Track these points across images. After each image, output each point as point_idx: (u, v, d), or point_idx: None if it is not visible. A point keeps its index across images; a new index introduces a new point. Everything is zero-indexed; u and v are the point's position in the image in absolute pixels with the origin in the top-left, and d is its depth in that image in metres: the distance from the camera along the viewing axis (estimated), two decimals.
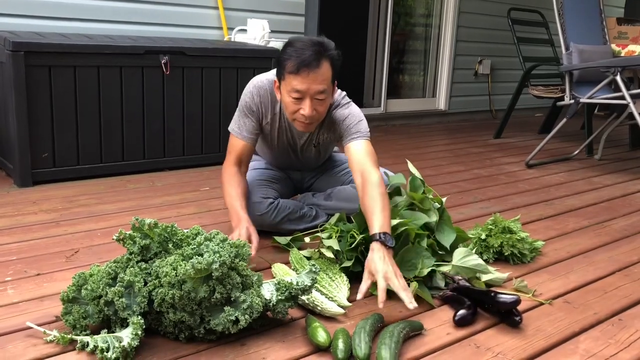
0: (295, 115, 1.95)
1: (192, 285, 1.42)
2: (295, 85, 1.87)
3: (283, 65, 1.89)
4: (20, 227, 2.27)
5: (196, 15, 3.82)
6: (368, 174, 1.91)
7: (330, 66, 1.90)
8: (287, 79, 1.89)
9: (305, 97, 1.89)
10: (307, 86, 1.87)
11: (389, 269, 1.64)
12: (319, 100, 1.91)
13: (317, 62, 1.85)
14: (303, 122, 1.97)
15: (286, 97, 1.93)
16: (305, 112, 1.91)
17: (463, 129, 5.37)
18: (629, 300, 1.87)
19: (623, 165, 4.00)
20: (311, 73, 1.85)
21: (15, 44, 2.66)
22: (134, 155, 3.12)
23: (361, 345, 1.45)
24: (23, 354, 1.42)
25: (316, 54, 1.85)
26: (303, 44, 1.88)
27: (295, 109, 1.93)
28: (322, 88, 1.88)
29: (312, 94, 1.89)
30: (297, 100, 1.90)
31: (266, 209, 2.18)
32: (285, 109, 1.99)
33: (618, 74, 3.41)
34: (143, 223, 1.57)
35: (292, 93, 1.90)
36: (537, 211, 2.82)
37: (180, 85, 3.20)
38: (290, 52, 1.88)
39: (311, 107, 1.90)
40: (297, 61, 1.85)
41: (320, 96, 1.90)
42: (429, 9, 5.63)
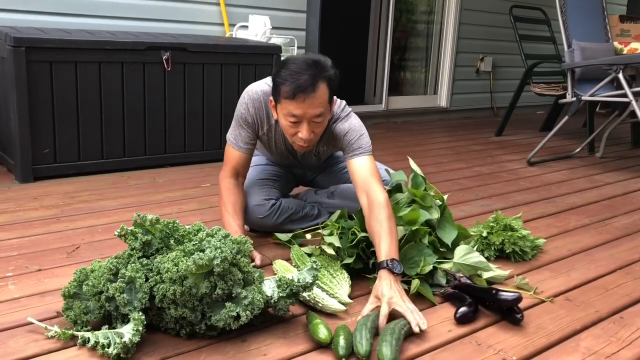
0: (294, 138, 1.93)
1: (194, 281, 1.42)
2: (291, 110, 1.84)
3: (278, 90, 1.85)
4: (21, 223, 2.27)
5: (198, 11, 3.81)
6: (374, 194, 1.87)
7: (327, 87, 1.85)
8: (283, 104, 1.85)
9: (302, 121, 1.86)
10: (304, 111, 1.83)
11: (394, 294, 1.62)
12: (316, 123, 1.88)
13: (313, 87, 1.80)
14: (301, 145, 1.94)
15: (283, 120, 1.90)
16: (303, 136, 1.88)
17: (464, 126, 5.37)
18: (630, 298, 1.87)
19: (625, 163, 4.00)
20: (307, 98, 1.81)
21: (16, 40, 2.66)
22: (135, 151, 3.12)
23: (362, 342, 1.44)
24: (24, 349, 1.42)
25: (312, 77, 1.80)
26: (298, 67, 1.82)
27: (293, 132, 1.90)
28: (318, 112, 1.85)
29: (309, 118, 1.85)
30: (294, 124, 1.87)
31: (268, 211, 2.17)
32: (283, 130, 1.96)
33: (620, 72, 3.41)
34: (145, 219, 1.56)
35: (288, 117, 1.86)
36: (539, 209, 2.82)
37: (182, 82, 3.19)
38: (285, 75, 1.82)
39: (308, 130, 1.87)
40: (293, 86, 1.80)
41: (317, 119, 1.87)
42: (430, 5, 5.62)
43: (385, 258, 1.72)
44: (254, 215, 2.16)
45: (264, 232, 2.24)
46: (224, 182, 2.08)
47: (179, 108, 3.22)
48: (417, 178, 2.13)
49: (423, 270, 1.79)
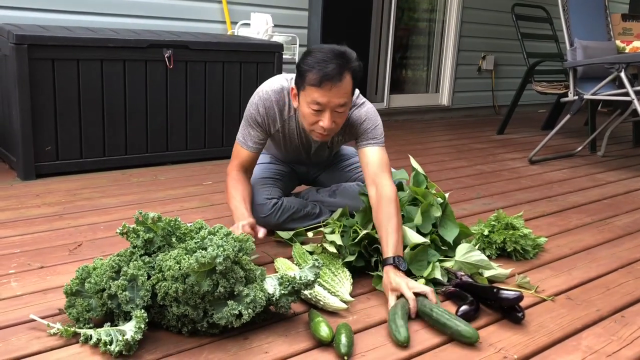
0: (314, 127, 1.92)
1: (196, 279, 1.43)
2: (316, 97, 1.83)
3: (304, 76, 1.84)
4: (23, 220, 2.28)
5: (200, 9, 3.81)
6: (383, 187, 1.90)
7: (352, 78, 1.86)
8: (307, 91, 1.85)
9: (325, 110, 1.86)
10: (328, 99, 1.83)
11: (408, 280, 1.71)
12: (338, 113, 1.88)
13: (339, 76, 1.81)
14: (321, 133, 1.93)
15: (305, 108, 1.89)
16: (324, 124, 1.87)
17: (466, 124, 5.36)
18: (631, 297, 1.87)
19: (626, 162, 3.99)
20: (334, 87, 1.81)
21: (18, 37, 2.66)
22: (137, 149, 3.12)
23: (400, 330, 1.51)
24: (26, 346, 1.42)
25: (339, 67, 1.81)
26: (325, 55, 1.83)
27: (314, 121, 1.89)
28: (343, 101, 1.85)
29: (332, 107, 1.85)
30: (316, 112, 1.87)
31: (270, 210, 2.17)
32: (302, 118, 1.95)
33: (622, 71, 3.40)
34: (147, 217, 1.57)
35: (312, 105, 1.86)
36: (540, 207, 2.82)
37: (184, 79, 3.19)
38: (311, 62, 1.83)
39: (330, 119, 1.87)
40: (320, 74, 1.80)
41: (340, 109, 1.87)
42: (432, 3, 5.61)
43: (392, 254, 1.75)
44: (256, 215, 2.16)
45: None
46: (231, 174, 2.09)
47: (181, 106, 3.22)
48: (418, 176, 2.13)
49: (430, 275, 1.80)
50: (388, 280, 1.72)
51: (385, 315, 1.66)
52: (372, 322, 1.62)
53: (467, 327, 1.54)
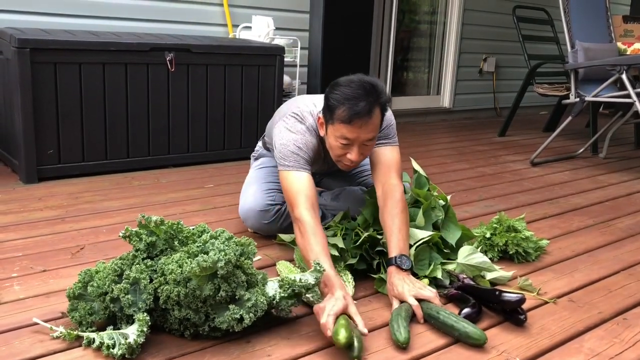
0: (341, 158, 1.89)
1: (198, 283, 1.43)
2: (345, 133, 1.80)
3: (333, 111, 1.80)
4: (25, 224, 2.28)
5: (201, 12, 3.82)
6: (391, 186, 1.90)
7: (381, 112, 1.83)
8: (336, 126, 1.81)
9: (354, 144, 1.83)
10: (357, 135, 1.80)
11: (412, 286, 1.69)
12: (366, 146, 1.86)
13: (369, 114, 1.77)
14: (347, 165, 1.91)
15: (333, 141, 1.86)
16: (352, 158, 1.85)
17: (468, 126, 5.36)
18: (633, 299, 1.87)
19: (628, 164, 3.99)
20: (364, 125, 1.78)
21: (21, 41, 2.67)
22: (139, 152, 3.13)
23: (400, 330, 1.52)
24: (29, 350, 1.43)
25: (369, 104, 1.77)
26: (354, 92, 1.77)
27: (342, 153, 1.86)
28: (371, 136, 1.83)
29: (360, 142, 1.83)
30: (344, 146, 1.84)
31: (273, 217, 2.17)
32: (329, 148, 1.91)
33: (624, 73, 3.40)
34: (149, 220, 1.57)
35: (340, 139, 1.82)
36: (542, 209, 2.82)
37: (186, 83, 3.20)
38: (340, 97, 1.78)
39: (358, 153, 1.84)
40: (351, 113, 1.76)
41: (369, 143, 1.86)
42: (433, 6, 5.62)
43: (395, 254, 1.75)
44: (259, 221, 2.17)
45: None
46: (303, 219, 1.75)
47: (183, 109, 3.23)
48: (420, 179, 2.13)
49: (431, 274, 1.80)
50: (391, 284, 1.71)
51: (387, 318, 1.66)
52: (374, 325, 1.63)
53: (475, 329, 1.54)
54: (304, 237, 1.73)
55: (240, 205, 2.23)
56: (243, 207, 2.21)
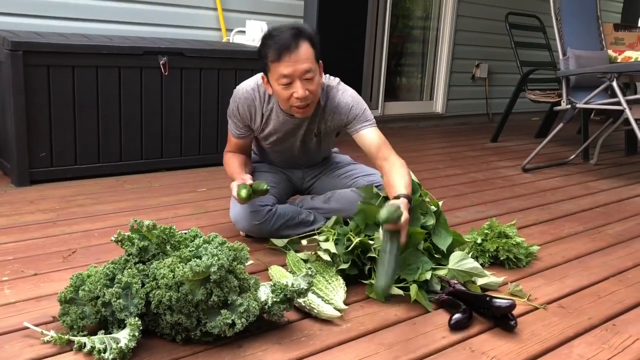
0: (290, 101, 1.98)
1: (190, 288, 1.43)
2: (281, 70, 1.91)
3: (265, 57, 1.95)
4: (17, 227, 2.28)
5: (195, 16, 3.83)
6: (393, 158, 2.05)
7: (310, 45, 1.93)
8: (272, 69, 1.94)
9: (294, 80, 1.93)
10: (292, 69, 1.90)
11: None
12: (307, 80, 1.95)
13: (295, 44, 1.90)
14: (299, 107, 1.99)
15: (277, 87, 1.97)
16: (298, 95, 1.94)
17: (460, 132, 5.39)
18: (622, 305, 1.88)
19: (619, 170, 4.02)
20: (292, 55, 1.89)
21: (14, 44, 2.66)
22: (131, 156, 3.12)
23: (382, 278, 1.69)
24: (20, 354, 1.42)
25: (293, 36, 1.90)
26: (278, 32, 1.94)
27: (288, 95, 1.96)
28: (307, 67, 1.92)
29: (299, 75, 1.92)
30: (287, 86, 1.94)
31: (264, 217, 2.18)
32: (279, 100, 2.03)
33: (614, 80, 3.43)
34: (141, 224, 1.57)
35: (280, 80, 1.93)
36: (533, 215, 2.84)
37: (179, 86, 3.20)
38: (269, 43, 1.94)
39: (302, 87, 1.94)
40: (276, 47, 1.90)
41: (308, 75, 1.93)
42: (427, 11, 5.65)
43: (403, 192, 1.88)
44: (250, 222, 2.17)
45: (260, 237, 2.25)
46: (227, 154, 2.30)
47: (176, 113, 3.23)
48: (412, 184, 2.14)
49: (421, 278, 1.81)
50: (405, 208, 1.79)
51: (378, 323, 1.66)
52: (366, 330, 1.63)
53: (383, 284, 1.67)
54: (225, 166, 2.26)
55: (231, 209, 2.24)
56: (234, 210, 2.22)
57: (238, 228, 2.25)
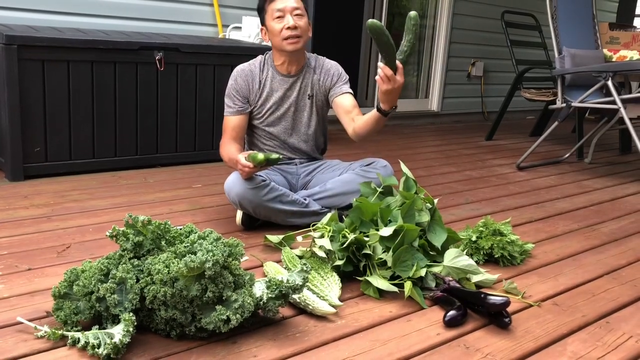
0: (282, 34, 2.29)
1: (184, 284, 1.43)
2: (275, 6, 2.29)
3: (262, 4, 2.35)
4: (11, 222, 2.27)
5: (191, 11, 3.81)
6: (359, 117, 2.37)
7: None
8: (268, 10, 2.32)
9: (285, 14, 2.30)
10: (284, 5, 2.29)
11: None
12: (298, 16, 2.31)
13: None
14: (290, 37, 2.29)
15: (272, 25, 2.31)
16: (289, 24, 2.28)
17: (455, 130, 5.40)
18: (616, 303, 1.89)
19: (613, 169, 4.04)
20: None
21: (8, 37, 2.65)
22: (126, 151, 3.11)
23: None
24: (13, 349, 1.42)
25: None
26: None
27: (281, 27, 2.29)
28: (296, 5, 2.31)
29: (290, 11, 2.29)
30: (280, 19, 2.29)
31: (258, 184, 2.20)
32: (273, 35, 2.33)
33: (609, 79, 3.44)
34: (136, 220, 1.57)
35: (274, 14, 2.29)
36: (528, 213, 2.84)
37: (175, 82, 3.19)
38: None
39: (293, 20, 2.29)
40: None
41: (297, 11, 2.31)
42: (423, 10, 5.65)
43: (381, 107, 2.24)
44: (244, 186, 2.18)
45: (256, 228, 2.24)
46: (223, 144, 2.40)
47: (171, 108, 3.22)
48: (408, 181, 2.14)
49: (416, 274, 1.81)
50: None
51: (373, 320, 1.67)
52: (361, 327, 1.63)
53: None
54: (221, 150, 2.39)
55: (226, 180, 2.27)
56: (229, 177, 2.26)
57: (231, 197, 2.24)
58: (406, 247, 1.86)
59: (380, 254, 1.87)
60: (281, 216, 2.28)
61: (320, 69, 2.46)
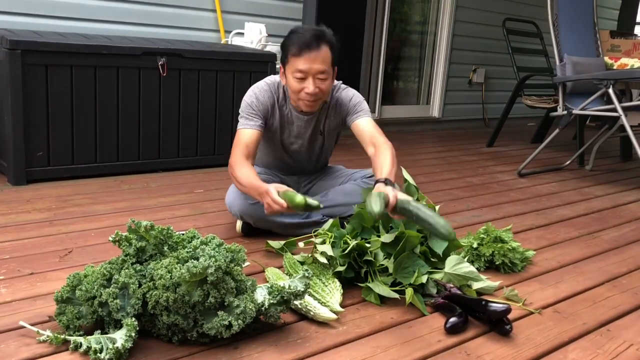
0: (300, 95, 2.12)
1: (187, 289, 1.43)
2: (298, 65, 2.06)
3: (286, 50, 2.10)
4: (13, 226, 2.27)
5: (194, 17, 3.83)
6: (379, 143, 2.15)
7: (330, 50, 2.08)
8: (290, 62, 2.09)
9: (307, 77, 2.07)
10: (309, 66, 2.05)
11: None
12: (320, 80, 2.09)
13: (317, 45, 2.05)
14: (307, 101, 2.12)
15: (291, 79, 2.11)
16: (309, 90, 2.08)
17: (456, 136, 5.40)
18: (617, 311, 1.89)
19: (614, 176, 4.04)
20: (311, 54, 2.04)
21: (12, 42, 2.66)
22: (128, 156, 3.12)
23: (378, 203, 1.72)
24: (15, 353, 1.42)
25: (316, 37, 2.05)
26: (303, 30, 2.10)
27: (300, 88, 2.10)
28: (322, 68, 2.07)
29: (314, 74, 2.07)
30: (300, 80, 2.09)
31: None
32: (290, 91, 2.16)
33: (611, 87, 3.45)
34: (139, 225, 1.57)
35: (295, 74, 2.08)
36: (529, 220, 2.85)
37: (177, 88, 3.20)
38: (292, 38, 2.09)
39: (314, 84, 2.08)
40: (299, 44, 2.05)
41: (322, 75, 2.09)
42: (424, 16, 5.67)
43: (385, 176, 1.97)
44: (245, 201, 2.18)
45: (257, 234, 2.25)
46: (235, 160, 2.11)
47: (174, 114, 3.23)
48: (410, 187, 2.15)
49: (417, 281, 1.81)
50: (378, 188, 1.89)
51: (375, 326, 1.67)
52: (362, 333, 1.64)
53: (444, 222, 1.66)
54: (234, 174, 2.09)
55: (227, 193, 2.28)
56: (229, 191, 2.26)
57: (233, 211, 2.25)
58: (407, 253, 1.87)
59: (382, 260, 1.87)
60: (283, 228, 2.27)
61: (335, 103, 2.30)
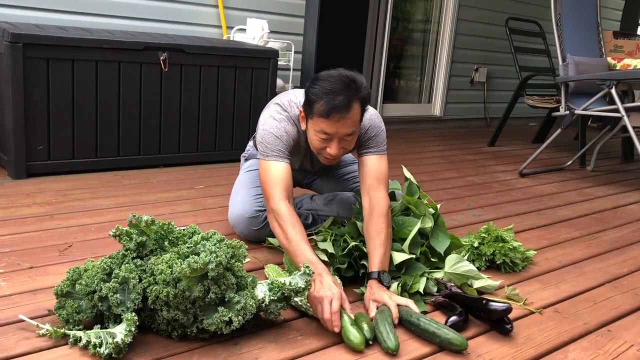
0: (321, 152, 1.89)
1: (187, 284, 1.43)
2: (323, 127, 1.80)
3: (312, 105, 1.80)
4: (13, 220, 2.27)
5: (196, 13, 3.82)
6: (376, 200, 1.90)
7: (360, 107, 1.82)
8: (315, 120, 1.81)
9: (333, 139, 1.83)
10: (336, 130, 1.80)
11: (391, 294, 1.73)
12: (346, 141, 1.86)
13: (347, 108, 1.76)
14: (328, 159, 1.91)
15: (312, 135, 1.86)
16: (332, 152, 1.85)
17: (458, 135, 5.40)
18: (618, 311, 1.89)
19: (615, 177, 4.04)
20: (342, 119, 1.77)
21: (14, 36, 2.65)
22: (129, 151, 3.12)
23: (390, 337, 1.53)
24: (15, 347, 1.42)
25: (348, 98, 1.76)
26: (333, 85, 1.77)
27: (322, 147, 1.86)
28: (350, 131, 1.83)
29: (340, 137, 1.83)
30: (324, 141, 1.84)
31: (262, 223, 2.14)
32: (310, 142, 1.92)
33: (613, 87, 3.45)
34: (140, 220, 1.57)
35: (319, 134, 1.83)
36: (530, 220, 2.84)
37: (178, 83, 3.20)
38: (319, 92, 1.78)
39: (338, 147, 1.84)
40: (328, 107, 1.75)
41: (348, 138, 1.85)
42: (427, 15, 5.66)
43: (377, 269, 1.77)
44: (249, 227, 2.16)
45: None
46: (279, 210, 1.79)
47: (175, 109, 3.22)
48: (411, 186, 2.14)
49: (412, 289, 1.81)
50: (370, 292, 1.73)
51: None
52: None
53: (456, 335, 1.55)
54: (282, 228, 1.77)
55: (229, 212, 2.23)
56: (232, 214, 2.20)
57: (236, 232, 2.24)
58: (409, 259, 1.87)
59: None
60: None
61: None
